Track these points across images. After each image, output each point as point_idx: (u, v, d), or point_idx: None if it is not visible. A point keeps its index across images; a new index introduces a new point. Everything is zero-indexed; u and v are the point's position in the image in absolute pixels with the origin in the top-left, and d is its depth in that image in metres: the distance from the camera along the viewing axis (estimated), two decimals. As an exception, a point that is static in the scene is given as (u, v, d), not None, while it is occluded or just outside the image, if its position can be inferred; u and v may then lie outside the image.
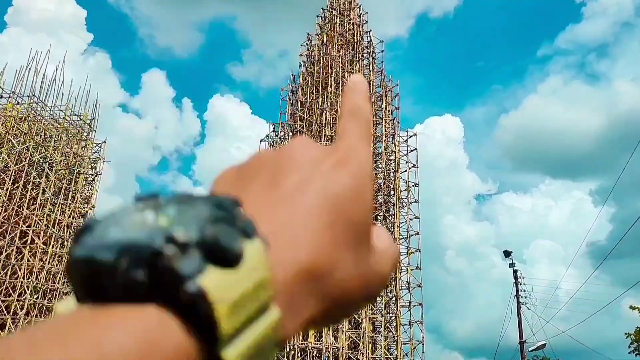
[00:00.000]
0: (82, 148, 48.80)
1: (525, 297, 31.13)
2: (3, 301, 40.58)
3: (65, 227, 45.35)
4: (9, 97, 46.54)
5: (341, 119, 0.46)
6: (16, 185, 43.96)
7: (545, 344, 30.11)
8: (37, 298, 41.62)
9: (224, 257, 0.30)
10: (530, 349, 29.85)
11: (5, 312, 40.45)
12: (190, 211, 0.31)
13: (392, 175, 42.94)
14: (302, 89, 43.02)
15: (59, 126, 48.80)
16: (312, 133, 40.73)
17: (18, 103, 46.79)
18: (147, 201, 0.32)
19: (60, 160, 46.84)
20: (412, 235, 41.13)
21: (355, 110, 0.46)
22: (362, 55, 46.11)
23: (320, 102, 41.60)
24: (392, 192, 42.61)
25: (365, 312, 37.87)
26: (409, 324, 38.89)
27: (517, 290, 31.29)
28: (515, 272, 31.94)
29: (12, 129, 45.42)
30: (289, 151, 0.42)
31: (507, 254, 32.61)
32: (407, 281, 39.94)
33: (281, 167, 0.40)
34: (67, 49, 57.14)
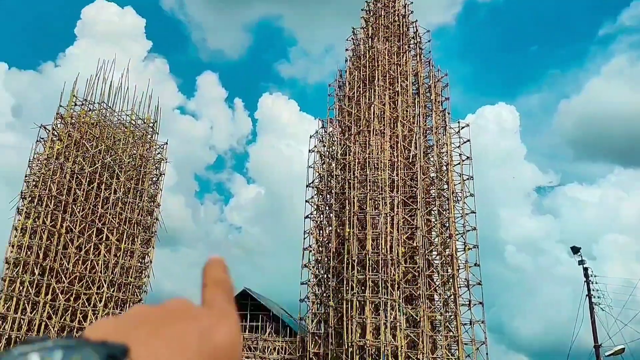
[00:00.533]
0: (146, 150, 49.74)
1: (599, 297, 27.55)
2: (84, 294, 42.16)
3: (135, 225, 46.50)
4: (82, 105, 47.74)
5: (206, 288, 0.51)
6: (91, 186, 45.57)
7: (624, 349, 26.63)
8: (113, 291, 43.13)
9: None
10: (607, 354, 26.50)
11: (87, 304, 42.00)
12: (76, 357, 0.32)
13: (444, 168, 39.91)
14: (349, 83, 40.89)
15: (125, 130, 49.93)
16: (360, 128, 38.60)
17: (90, 110, 47.92)
18: (34, 344, 0.33)
19: (128, 162, 48.05)
20: (468, 230, 38.28)
21: (219, 281, 0.52)
22: (409, 46, 43.20)
23: (367, 96, 39.31)
24: (445, 186, 39.65)
25: (424, 311, 35.79)
26: (470, 324, 36.30)
27: (588, 290, 27.96)
28: (585, 270, 28.52)
29: (86, 134, 46.79)
30: (169, 307, 0.46)
31: (575, 250, 29.06)
32: (465, 279, 37.23)
33: (163, 319, 0.44)
34: (130, 56, 58.43)
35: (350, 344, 34.48)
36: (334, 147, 41.08)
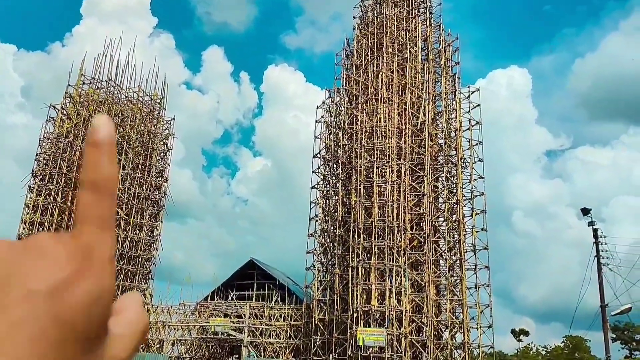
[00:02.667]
0: (154, 126, 50.76)
1: (607, 258, 27.85)
2: (94, 268, 43.45)
3: (144, 199, 47.56)
4: (90, 84, 48.87)
5: (82, 191, 0.41)
6: (100, 162, 46.43)
7: (630, 308, 26.88)
8: (123, 264, 44.22)
9: None
10: (613, 313, 26.84)
11: (96, 277, 43.32)
12: None
13: (453, 134, 40.35)
14: (357, 52, 41.64)
15: (133, 107, 50.97)
16: (368, 96, 39.31)
17: (98, 88, 49.07)
18: None
19: (136, 138, 49.15)
20: (476, 196, 38.72)
21: (99, 181, 0.41)
22: (418, 11, 43.57)
23: (375, 64, 39.92)
24: (453, 152, 40.06)
25: (429, 276, 36.41)
26: (475, 287, 36.76)
27: (597, 251, 28.37)
28: (595, 231, 28.96)
29: (94, 112, 47.79)
30: (29, 244, 0.40)
31: (585, 211, 29.40)
32: (472, 244, 37.67)
33: (7, 280, 0.37)
34: (136, 33, 59.88)
35: (355, 309, 35.19)
36: (340, 117, 41.80)
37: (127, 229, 45.80)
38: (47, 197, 44.81)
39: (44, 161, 45.94)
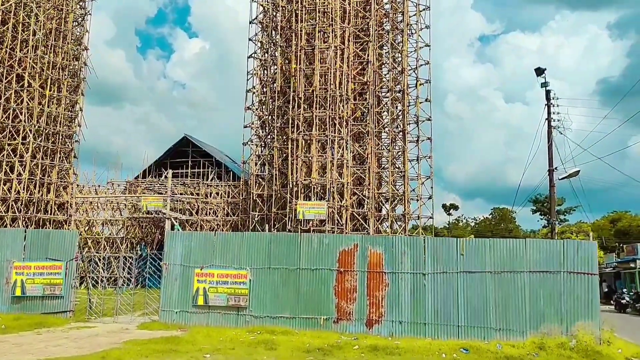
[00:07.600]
0: (67, -16, 42.53)
1: (559, 121, 25.86)
2: (9, 144, 37.72)
3: (60, 70, 41.01)
4: None
5: None
6: (6, 26, 39.04)
7: (579, 171, 25.57)
8: (40, 141, 38.95)
9: None
10: (560, 177, 25.48)
11: (12, 155, 37.73)
12: None
13: (400, -3, 36.14)
14: None
15: (40, -40, 42.16)
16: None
17: (-5, -64, 39.80)
18: None
19: (47, -1, 41.00)
20: (421, 65, 35.45)
21: None
22: None
23: None
24: (400, 17, 36.03)
25: (371, 148, 34.05)
26: (417, 160, 34.91)
27: (548, 113, 26.90)
28: (547, 92, 26.76)
29: (-4, -34, 39.25)
30: None
31: (539, 71, 27.16)
32: (415, 115, 35.14)
33: None
34: None
35: (295, 183, 32.70)
36: (280, -26, 36.24)
37: (43, 103, 39.75)
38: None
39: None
